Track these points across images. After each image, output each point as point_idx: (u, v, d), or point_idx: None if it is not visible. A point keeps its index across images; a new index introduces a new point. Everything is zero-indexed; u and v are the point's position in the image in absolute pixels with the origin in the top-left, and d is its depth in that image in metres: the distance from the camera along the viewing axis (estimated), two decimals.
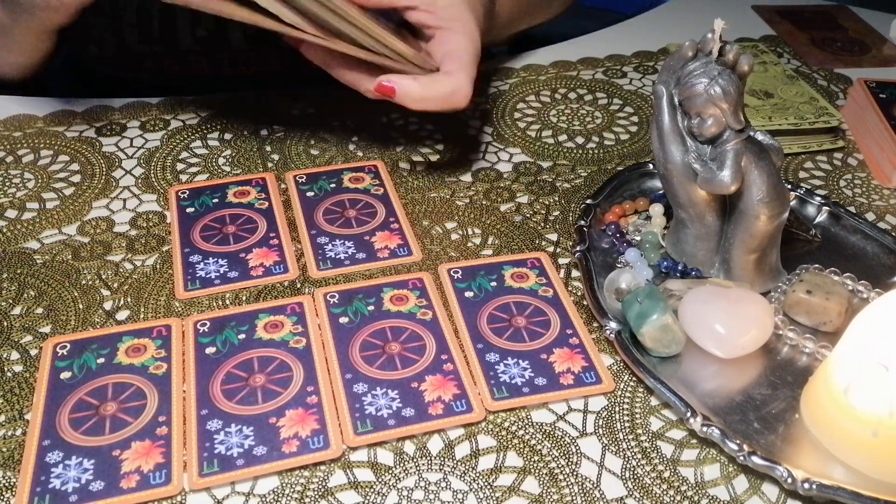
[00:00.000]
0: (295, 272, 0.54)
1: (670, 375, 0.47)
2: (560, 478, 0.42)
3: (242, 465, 0.42)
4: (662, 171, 0.52)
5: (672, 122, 0.51)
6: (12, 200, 0.60)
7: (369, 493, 0.41)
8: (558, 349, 0.49)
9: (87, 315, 0.50)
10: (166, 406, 0.44)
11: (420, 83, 0.54)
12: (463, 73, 0.55)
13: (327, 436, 0.43)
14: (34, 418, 0.43)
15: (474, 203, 0.61)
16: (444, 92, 0.55)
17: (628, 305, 0.48)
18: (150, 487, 0.40)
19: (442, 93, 0.55)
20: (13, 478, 0.41)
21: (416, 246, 0.56)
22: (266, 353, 0.48)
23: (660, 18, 0.90)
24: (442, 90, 0.54)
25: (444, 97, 0.55)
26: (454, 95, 0.55)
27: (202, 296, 0.52)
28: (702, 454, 0.44)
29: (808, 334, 0.49)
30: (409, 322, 0.50)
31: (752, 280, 0.52)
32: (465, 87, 0.55)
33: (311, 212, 0.59)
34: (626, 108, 0.74)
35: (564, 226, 0.59)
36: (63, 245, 0.56)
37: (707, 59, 0.49)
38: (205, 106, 0.71)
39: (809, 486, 0.40)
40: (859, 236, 0.57)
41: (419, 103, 0.55)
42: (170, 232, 0.57)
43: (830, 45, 0.85)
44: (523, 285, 0.53)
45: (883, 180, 0.65)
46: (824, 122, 0.67)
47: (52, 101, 0.70)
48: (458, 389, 0.46)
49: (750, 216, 0.49)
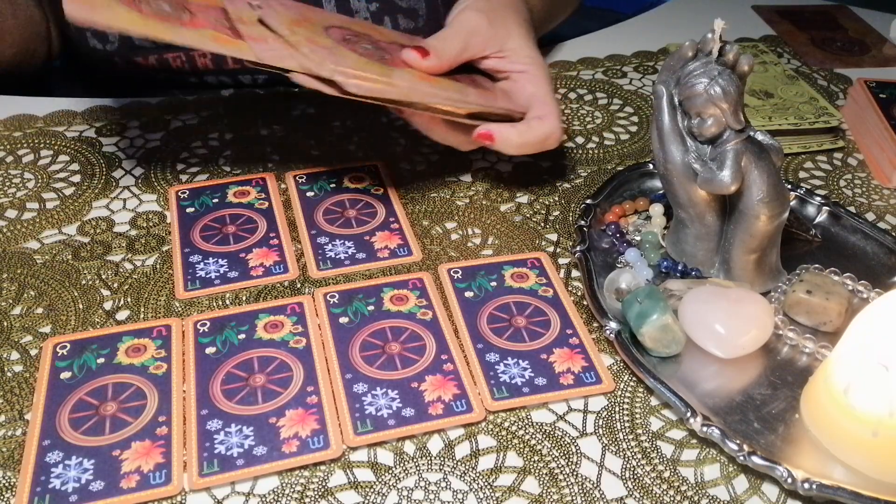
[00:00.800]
0: (295, 272, 0.54)
1: (670, 375, 0.47)
2: (560, 478, 0.42)
3: (242, 465, 0.42)
4: (662, 171, 0.52)
5: (672, 122, 0.51)
6: (12, 200, 0.60)
7: (369, 493, 0.41)
8: (558, 349, 0.49)
9: (87, 315, 0.50)
10: (166, 406, 0.44)
11: (518, 130, 0.56)
12: (553, 117, 0.57)
13: (327, 436, 0.43)
14: (34, 418, 0.43)
15: (474, 203, 0.61)
16: (541, 137, 0.57)
17: (628, 305, 0.48)
18: (150, 487, 0.40)
19: (539, 138, 0.57)
20: (13, 478, 0.41)
21: (416, 246, 0.56)
22: (266, 353, 0.48)
23: (660, 18, 0.90)
24: (538, 135, 0.57)
25: (540, 141, 0.57)
26: (549, 139, 0.57)
27: (202, 296, 0.52)
28: (702, 454, 0.44)
29: (808, 334, 0.49)
30: (409, 322, 0.50)
31: (752, 280, 0.52)
32: (558, 131, 0.57)
33: (311, 212, 0.59)
34: (626, 108, 0.74)
35: (564, 226, 0.59)
36: (63, 245, 0.56)
37: (707, 59, 0.49)
38: (205, 106, 0.71)
39: (809, 486, 0.40)
40: (859, 236, 0.57)
41: (518, 149, 0.57)
42: (170, 232, 0.57)
43: (830, 45, 0.85)
44: (523, 285, 0.53)
45: (883, 180, 0.65)
46: (824, 122, 0.67)
47: (52, 101, 0.70)
48: (458, 389, 0.46)
49: (750, 216, 0.49)
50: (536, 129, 0.57)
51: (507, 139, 0.56)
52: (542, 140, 0.57)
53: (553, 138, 0.57)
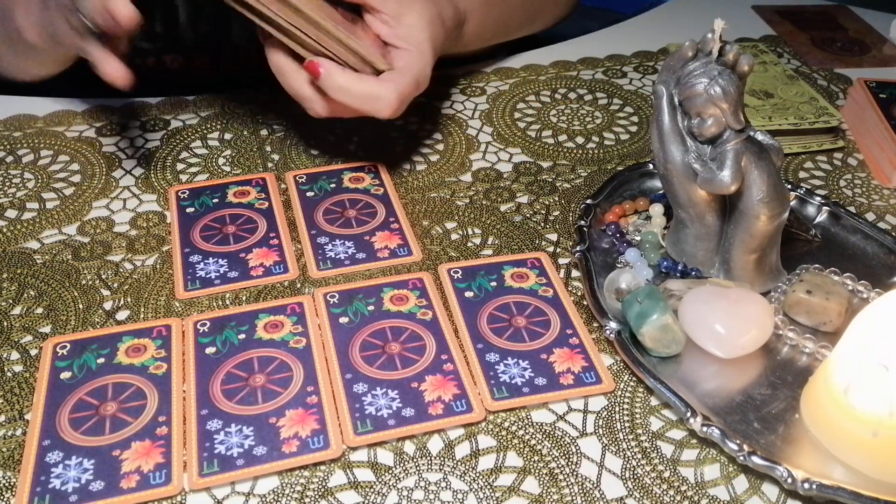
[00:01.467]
0: (295, 272, 0.54)
1: (670, 375, 0.47)
2: (560, 478, 0.42)
3: (242, 465, 0.41)
4: (662, 171, 0.52)
5: (672, 122, 0.51)
6: (12, 200, 0.60)
7: (369, 493, 0.41)
8: (558, 349, 0.49)
9: (87, 315, 0.50)
10: (166, 406, 0.44)
11: (346, 75, 0.53)
12: (394, 84, 0.54)
13: (327, 436, 0.43)
14: (34, 418, 0.43)
15: (474, 203, 0.61)
16: (367, 93, 0.54)
17: (628, 305, 0.48)
18: (150, 487, 0.40)
19: (364, 92, 0.53)
20: (13, 478, 0.41)
21: (416, 246, 0.56)
22: (266, 353, 0.48)
23: (660, 18, 0.90)
24: (366, 90, 0.53)
25: (365, 97, 0.54)
26: (377, 101, 0.54)
27: (202, 296, 0.52)
28: (702, 454, 0.44)
29: (808, 334, 0.49)
30: (409, 322, 0.50)
31: (752, 280, 0.52)
32: (390, 97, 0.54)
33: (311, 212, 0.59)
34: (626, 108, 0.74)
35: (564, 226, 0.59)
36: (63, 245, 0.56)
37: (707, 59, 0.49)
38: (205, 106, 0.71)
39: (809, 486, 0.40)
40: (859, 236, 0.57)
41: (339, 93, 0.53)
42: (170, 232, 0.57)
43: (830, 45, 0.85)
44: (523, 285, 0.53)
45: (883, 180, 0.65)
46: (824, 122, 0.67)
47: (52, 101, 0.70)
48: (458, 389, 0.46)
49: (750, 216, 0.49)
50: (368, 83, 0.54)
51: (331, 77, 0.52)
52: (367, 97, 0.54)
53: (381, 103, 0.54)
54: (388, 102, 0.54)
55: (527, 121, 0.71)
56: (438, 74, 0.73)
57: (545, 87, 0.76)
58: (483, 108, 0.72)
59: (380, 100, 0.54)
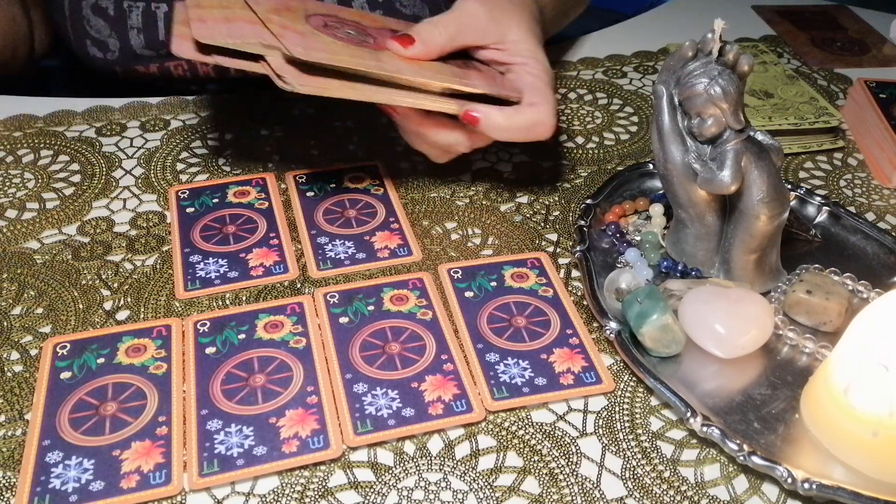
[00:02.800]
0: (295, 272, 0.54)
1: (670, 375, 0.47)
2: (560, 478, 0.42)
3: (242, 465, 0.42)
4: (662, 171, 0.52)
5: (672, 122, 0.51)
6: (12, 200, 0.60)
7: (369, 493, 0.41)
8: (558, 349, 0.49)
9: (87, 315, 0.50)
10: (166, 406, 0.44)
11: (504, 114, 0.54)
12: (546, 106, 0.55)
13: (327, 436, 0.43)
14: (34, 418, 0.43)
15: (474, 203, 0.61)
16: (528, 123, 0.55)
17: (628, 305, 0.48)
18: (150, 487, 0.40)
19: (525, 124, 0.55)
20: (13, 478, 0.41)
21: (416, 246, 0.56)
22: (266, 353, 0.48)
23: (660, 18, 0.90)
24: (526, 121, 0.55)
25: (527, 128, 0.55)
26: (537, 127, 0.55)
27: (202, 296, 0.52)
28: (702, 454, 0.44)
29: (808, 334, 0.49)
30: (409, 322, 0.50)
31: (752, 280, 0.52)
32: (548, 120, 0.55)
33: (311, 212, 0.59)
34: (626, 108, 0.74)
35: (564, 226, 0.59)
36: (63, 245, 0.56)
37: (707, 59, 0.49)
38: (205, 106, 0.71)
39: (809, 486, 0.40)
40: (859, 236, 0.57)
41: (503, 133, 0.55)
42: (170, 232, 0.57)
43: (830, 45, 0.85)
44: (523, 285, 0.53)
45: (883, 180, 0.65)
46: (824, 122, 0.67)
47: (52, 100, 0.70)
48: (458, 389, 0.46)
49: (750, 216, 0.49)
50: (526, 113, 0.54)
51: (492, 121, 0.53)
52: (529, 126, 0.55)
53: (543, 127, 0.55)
54: (548, 125, 0.55)
55: None
56: None
57: None
58: None
59: (541, 125, 0.55)
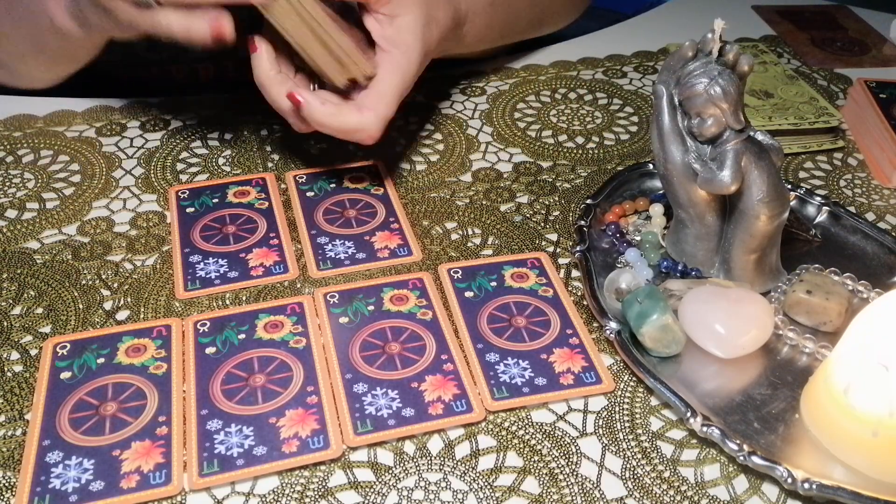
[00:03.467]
0: (295, 272, 0.54)
1: (670, 375, 0.47)
2: (560, 478, 0.42)
3: (242, 465, 0.42)
4: (662, 171, 0.52)
5: (672, 122, 0.51)
6: (12, 200, 0.60)
7: (369, 493, 0.41)
8: (558, 349, 0.49)
9: (87, 315, 0.50)
10: (166, 406, 0.44)
11: (327, 110, 0.52)
12: (374, 114, 0.53)
13: (327, 436, 0.43)
14: (34, 418, 0.43)
15: (474, 203, 0.61)
16: (349, 127, 0.53)
17: (628, 305, 0.48)
18: (150, 487, 0.40)
19: (345, 127, 0.53)
20: (13, 478, 0.41)
21: (416, 246, 0.56)
22: (266, 353, 0.48)
23: (660, 18, 0.90)
24: (347, 124, 0.53)
25: (346, 131, 0.54)
26: (358, 133, 0.54)
27: (202, 296, 0.52)
28: (702, 454, 0.44)
29: (808, 334, 0.49)
30: (409, 322, 0.50)
31: (752, 280, 0.52)
32: (371, 128, 0.53)
33: (311, 212, 0.59)
34: (626, 108, 0.74)
35: (564, 226, 0.59)
36: (63, 245, 0.56)
37: (707, 59, 0.49)
38: (205, 106, 0.71)
39: (809, 486, 0.40)
40: (859, 236, 0.57)
41: (321, 127, 0.53)
42: (170, 232, 0.57)
43: (830, 45, 0.85)
44: (523, 285, 0.53)
45: (883, 180, 0.65)
46: (824, 122, 0.67)
47: (52, 100, 0.70)
48: (458, 389, 0.46)
49: (750, 216, 0.49)
50: (348, 117, 0.53)
51: (312, 113, 0.52)
52: (349, 130, 0.53)
53: (363, 135, 0.53)
54: (369, 134, 0.54)
55: (527, 121, 0.71)
56: (438, 75, 0.74)
57: (545, 87, 0.76)
58: (483, 107, 0.72)
59: (361, 131, 0.54)
